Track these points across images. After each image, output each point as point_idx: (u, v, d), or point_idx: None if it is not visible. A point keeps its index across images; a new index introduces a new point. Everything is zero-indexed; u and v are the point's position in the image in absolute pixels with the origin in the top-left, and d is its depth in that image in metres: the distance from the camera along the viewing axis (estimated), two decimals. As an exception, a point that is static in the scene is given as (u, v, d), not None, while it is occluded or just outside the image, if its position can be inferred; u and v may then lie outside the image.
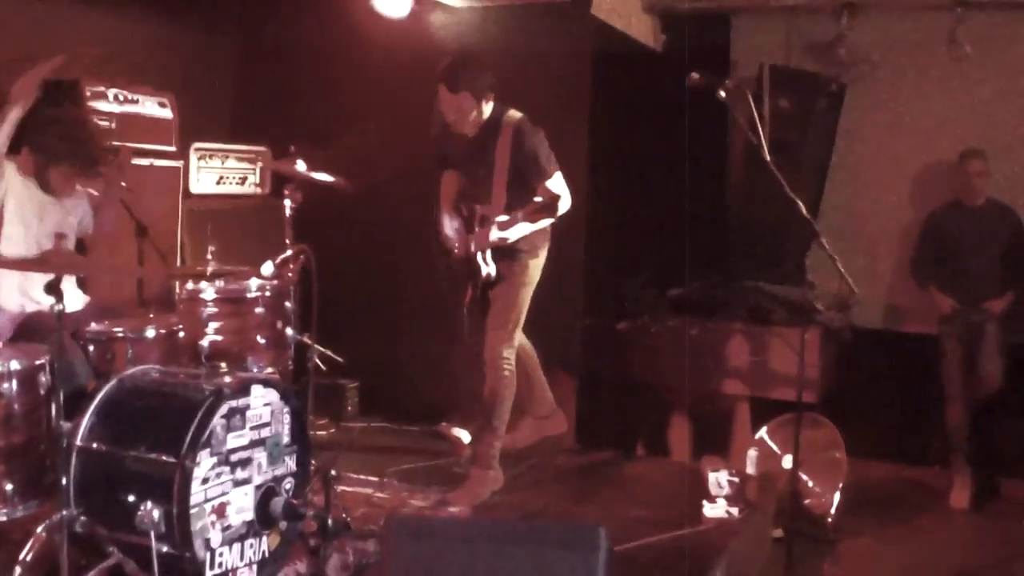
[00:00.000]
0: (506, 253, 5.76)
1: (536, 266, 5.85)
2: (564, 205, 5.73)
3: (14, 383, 4.32)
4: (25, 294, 5.19)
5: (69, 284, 5.18)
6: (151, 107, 6.48)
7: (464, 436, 6.60)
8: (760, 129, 5.02)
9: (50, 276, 4.11)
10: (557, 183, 5.67)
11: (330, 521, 4.39)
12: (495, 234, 5.64)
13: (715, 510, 5.64)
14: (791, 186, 4.84)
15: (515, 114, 5.77)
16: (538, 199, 5.67)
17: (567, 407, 6.59)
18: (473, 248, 5.75)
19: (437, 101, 5.77)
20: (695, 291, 7.02)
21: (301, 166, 5.49)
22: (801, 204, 4.84)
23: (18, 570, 3.94)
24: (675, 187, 6.57)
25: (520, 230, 5.67)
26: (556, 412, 6.46)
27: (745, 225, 7.26)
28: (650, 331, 7.02)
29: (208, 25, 7.57)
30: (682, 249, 6.42)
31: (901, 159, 7.52)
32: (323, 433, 6.67)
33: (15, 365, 4.33)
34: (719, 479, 5.68)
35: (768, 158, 4.85)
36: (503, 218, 5.63)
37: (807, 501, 5.51)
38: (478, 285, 5.80)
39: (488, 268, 5.73)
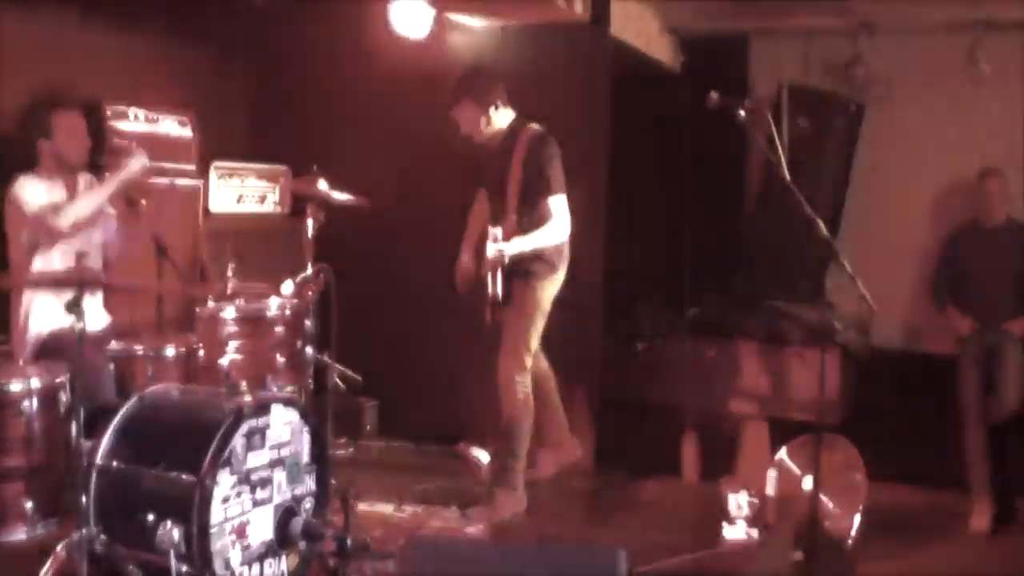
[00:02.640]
0: (515, 275, 5.73)
1: (545, 290, 5.80)
2: (557, 229, 5.68)
3: (34, 401, 4.36)
4: (49, 312, 5.21)
5: (92, 303, 5.19)
6: (171, 126, 6.52)
7: (483, 456, 6.58)
8: (779, 149, 5.01)
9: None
10: (557, 204, 5.64)
11: (349, 541, 4.38)
12: (491, 249, 5.59)
13: (734, 532, 5.60)
14: (810, 206, 4.84)
15: (534, 126, 5.79)
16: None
17: (584, 428, 6.57)
18: (483, 269, 5.75)
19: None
20: (713, 312, 7.02)
21: (323, 185, 5.50)
22: (820, 223, 4.83)
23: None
24: (694, 207, 6.57)
25: (516, 245, 5.61)
26: (570, 439, 6.40)
27: (764, 245, 7.27)
28: (668, 352, 7.01)
29: (226, 45, 7.60)
30: (700, 269, 6.43)
31: (920, 178, 7.52)
32: (342, 452, 6.64)
33: (35, 383, 4.38)
34: (738, 501, 5.64)
35: (787, 177, 4.85)
36: (498, 232, 5.61)
37: (826, 523, 5.47)
38: (489, 308, 5.80)
39: (493, 289, 5.71)
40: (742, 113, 4.86)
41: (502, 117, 5.82)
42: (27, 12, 6.10)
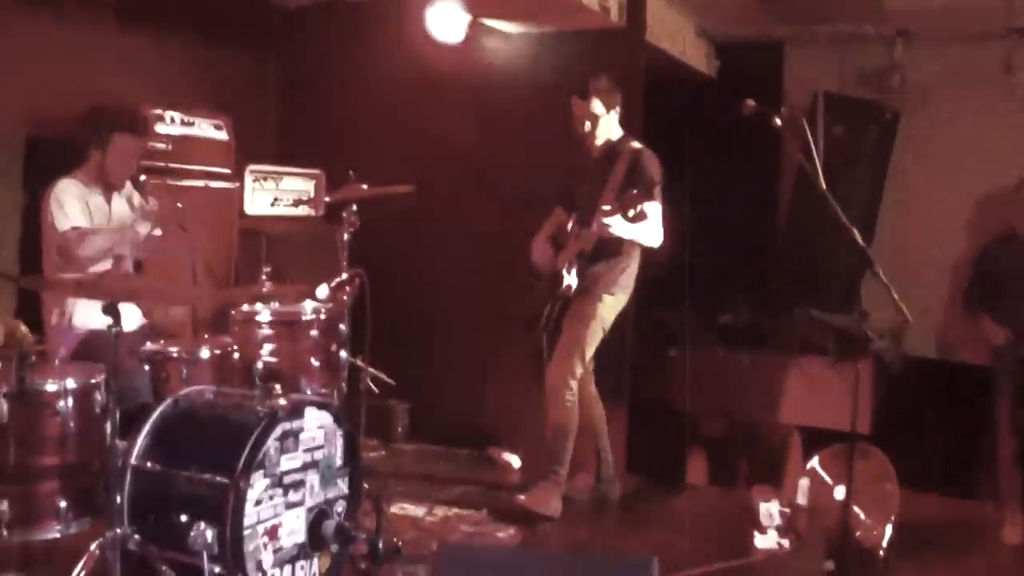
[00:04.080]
0: (588, 282, 5.76)
1: (610, 305, 5.81)
2: (653, 234, 5.69)
3: (70, 401, 4.37)
4: (89, 311, 5.25)
5: (127, 305, 5.22)
6: (208, 129, 6.54)
7: (514, 461, 6.59)
8: (815, 157, 4.99)
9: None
10: (654, 211, 5.62)
11: (381, 545, 4.39)
12: (596, 223, 5.58)
13: (766, 541, 5.57)
14: (845, 214, 4.82)
15: (638, 144, 5.82)
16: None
17: (618, 435, 6.55)
18: (560, 261, 5.77)
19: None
20: (746, 319, 7.01)
21: (364, 187, 5.52)
22: (855, 232, 4.81)
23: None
24: (728, 214, 6.56)
25: (618, 224, 5.56)
26: (614, 479, 6.27)
27: (797, 253, 7.25)
28: (700, 359, 7.00)
29: (261, 48, 7.65)
30: (733, 276, 6.41)
31: (956, 187, 7.49)
32: (374, 455, 6.66)
33: (71, 384, 4.39)
34: (770, 510, 5.62)
35: (822, 186, 4.83)
36: (606, 207, 5.56)
37: (858, 534, 5.45)
38: (557, 300, 5.80)
39: (569, 280, 5.72)
40: (777, 120, 4.85)
41: (614, 128, 5.87)
42: (63, 17, 6.17)
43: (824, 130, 7.16)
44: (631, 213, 5.39)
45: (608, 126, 5.86)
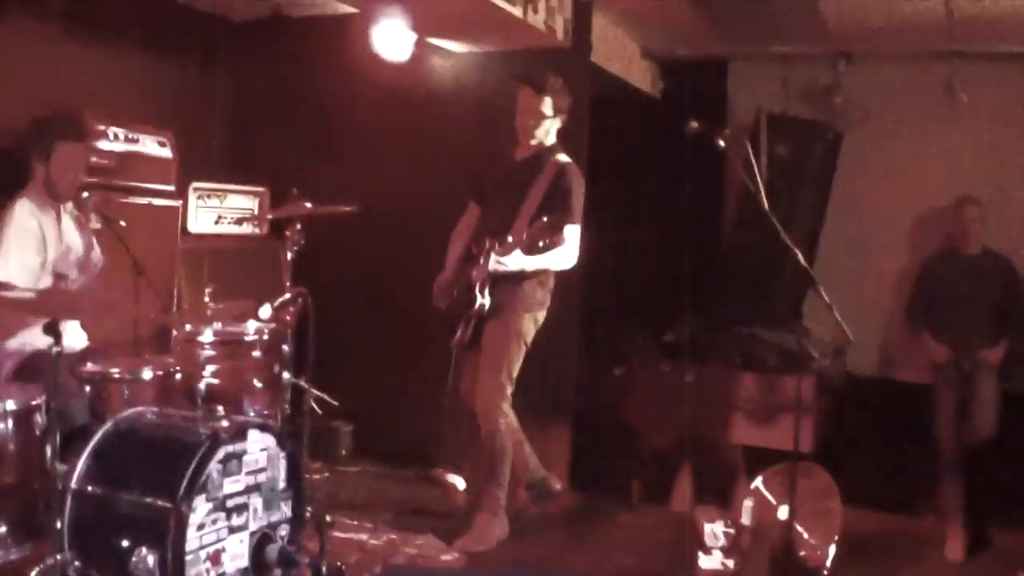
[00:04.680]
0: (503, 301, 5.68)
1: (528, 321, 5.75)
2: (565, 257, 5.62)
3: (9, 423, 4.32)
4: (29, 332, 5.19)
5: (70, 324, 5.16)
6: (151, 146, 6.46)
7: (458, 482, 6.56)
8: (757, 176, 5.03)
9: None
10: (572, 233, 5.58)
11: (324, 568, 4.36)
12: (492, 261, 5.53)
13: (710, 562, 5.57)
14: (787, 233, 4.86)
15: (565, 157, 5.75)
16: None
17: (561, 453, 6.57)
18: (473, 277, 5.71)
19: (511, 112, 5.81)
20: (690, 336, 7.03)
21: (307, 205, 5.50)
22: (798, 252, 4.85)
23: (11, 614, 3.92)
24: (671, 232, 6.58)
25: (518, 260, 5.52)
26: (547, 475, 6.20)
27: (740, 271, 7.30)
28: (644, 376, 7.02)
29: (206, 62, 7.61)
30: (677, 294, 6.43)
31: (897, 206, 7.58)
32: (317, 477, 6.61)
33: (10, 405, 4.33)
34: (715, 530, 5.63)
35: (765, 205, 4.87)
36: (509, 239, 5.51)
37: (802, 553, 5.49)
38: (471, 320, 5.75)
39: (482, 300, 5.62)
40: (721, 142, 4.89)
41: (551, 134, 5.79)
42: (5, 26, 6.09)
43: (767, 149, 7.22)
44: (541, 244, 5.35)
45: (548, 130, 5.77)
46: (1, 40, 6.09)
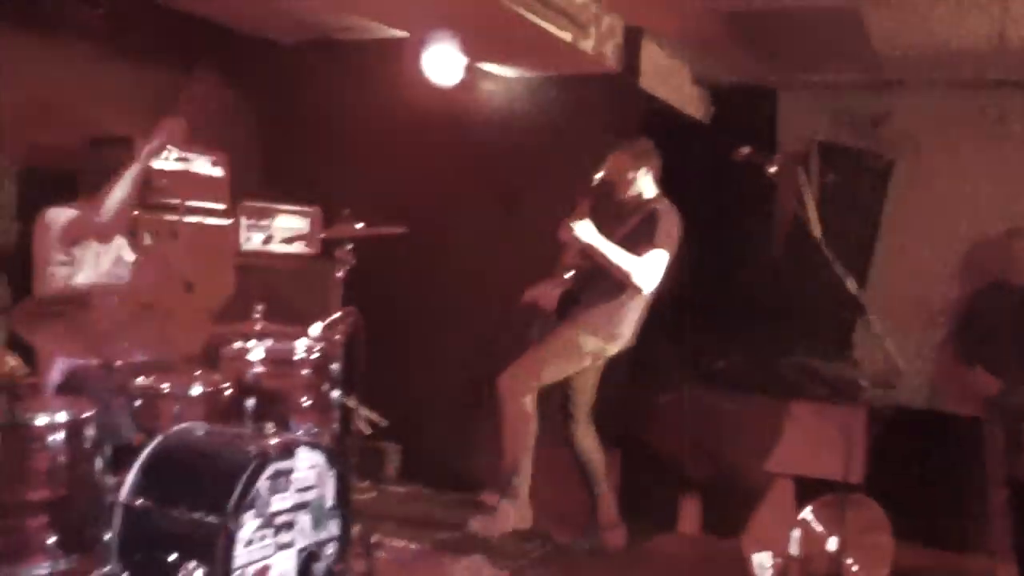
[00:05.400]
0: (574, 312, 5.81)
1: (589, 342, 5.84)
2: (641, 270, 5.68)
3: (60, 435, 4.33)
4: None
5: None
6: (203, 165, 6.52)
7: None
8: (808, 204, 5.00)
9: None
10: (654, 256, 5.67)
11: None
12: (572, 228, 5.63)
13: (757, 592, 5.55)
14: (838, 261, 4.83)
15: (665, 202, 5.89)
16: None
17: (609, 477, 6.52)
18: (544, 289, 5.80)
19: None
20: (738, 365, 6.98)
21: (358, 225, 5.52)
22: (849, 280, 4.82)
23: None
24: (722, 259, 6.56)
25: (595, 238, 5.64)
26: (619, 526, 6.24)
27: (790, 299, 7.23)
28: (691, 405, 6.98)
29: (258, 84, 7.65)
30: (726, 322, 6.40)
31: (948, 236, 7.50)
32: (365, 496, 6.60)
33: (61, 417, 4.34)
34: (762, 560, 5.58)
35: (816, 234, 4.84)
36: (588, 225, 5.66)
37: (850, 583, 5.42)
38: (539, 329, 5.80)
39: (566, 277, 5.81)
40: (772, 168, 4.87)
41: (647, 185, 5.93)
42: (55, 45, 6.16)
43: (818, 177, 7.18)
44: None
45: (638, 181, 5.96)
46: (51, 58, 6.15)
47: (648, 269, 5.66)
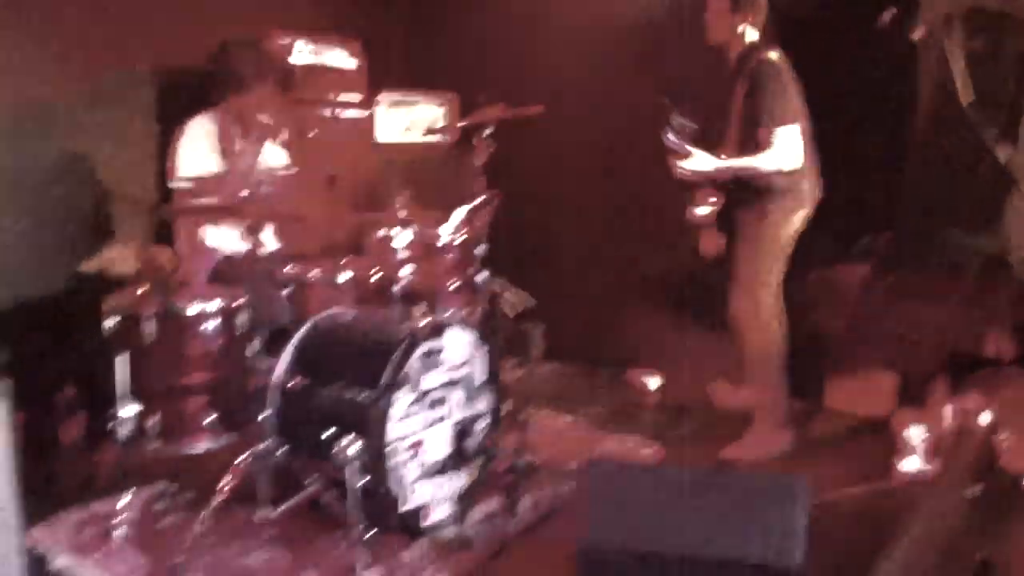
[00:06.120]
0: (745, 209, 5.54)
1: (781, 226, 5.59)
2: (775, 158, 5.32)
3: (213, 323, 4.46)
4: (223, 237, 5.34)
5: (264, 230, 5.29)
6: (337, 57, 6.54)
7: (652, 383, 6.55)
8: (956, 71, 4.84)
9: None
10: (782, 135, 5.28)
11: (523, 461, 4.42)
12: (689, 163, 5.37)
13: (909, 466, 5.48)
14: (985, 131, 4.67)
15: (771, 53, 5.42)
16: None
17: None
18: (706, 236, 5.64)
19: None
20: (887, 240, 6.83)
21: (497, 109, 5.50)
22: (1000, 149, 4.66)
23: (220, 496, 4.05)
24: (862, 132, 6.39)
25: (708, 162, 5.37)
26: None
27: (935, 172, 7.04)
28: (839, 283, 6.85)
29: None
30: (872, 197, 6.26)
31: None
32: (512, 375, 6.70)
33: (215, 305, 4.47)
34: (914, 434, 5.51)
35: (964, 102, 4.68)
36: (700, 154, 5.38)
37: (1002, 459, 5.32)
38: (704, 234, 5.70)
39: (701, 211, 5.60)
40: (916, 33, 4.71)
41: (752, 33, 5.56)
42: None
43: (965, 43, 6.93)
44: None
45: (744, 31, 5.52)
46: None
47: (785, 153, 5.36)
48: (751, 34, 5.55)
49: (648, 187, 5.95)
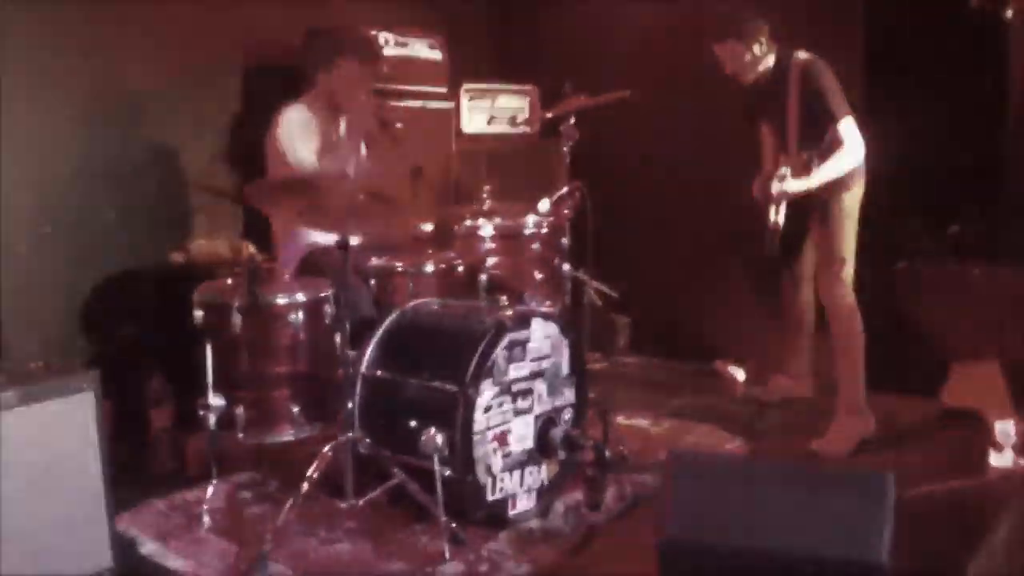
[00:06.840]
0: (813, 199, 5.49)
1: (845, 201, 5.50)
2: (850, 153, 5.32)
3: (300, 314, 4.52)
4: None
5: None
6: (422, 49, 6.57)
7: (739, 374, 6.51)
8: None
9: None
10: (845, 127, 5.28)
11: (607, 453, 4.40)
12: (775, 187, 5.36)
13: (1002, 460, 5.37)
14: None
15: (802, 55, 5.43)
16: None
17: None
18: (766, 200, 5.58)
19: None
20: (977, 230, 6.70)
21: (580, 99, 5.47)
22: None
23: (306, 486, 4.08)
24: (953, 118, 6.27)
25: (802, 184, 5.35)
26: (808, 376, 6.18)
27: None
28: (929, 272, 6.74)
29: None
30: (962, 185, 6.15)
31: None
32: (597, 366, 6.64)
33: (301, 297, 4.54)
34: (1007, 428, 5.40)
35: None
36: (786, 170, 5.38)
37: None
38: (769, 234, 5.64)
39: (775, 217, 5.50)
40: (1009, 13, 4.61)
41: (767, 54, 5.61)
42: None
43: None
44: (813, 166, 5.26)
45: (759, 56, 5.51)
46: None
47: (856, 143, 5.33)
48: (766, 46, 5.52)
49: (733, 177, 5.88)
